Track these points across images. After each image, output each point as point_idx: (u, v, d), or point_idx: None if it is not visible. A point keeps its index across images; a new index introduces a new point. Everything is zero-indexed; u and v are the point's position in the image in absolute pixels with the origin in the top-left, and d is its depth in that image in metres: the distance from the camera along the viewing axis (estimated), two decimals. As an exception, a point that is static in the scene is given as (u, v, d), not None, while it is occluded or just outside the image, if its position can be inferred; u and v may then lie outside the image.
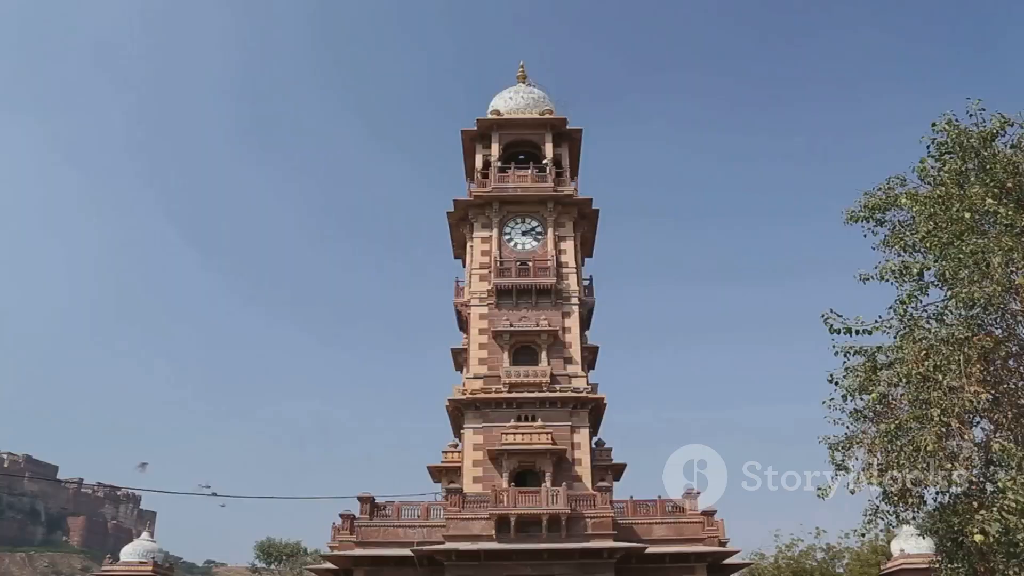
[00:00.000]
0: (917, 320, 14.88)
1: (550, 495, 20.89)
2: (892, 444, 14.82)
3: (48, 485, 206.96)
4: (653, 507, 22.61)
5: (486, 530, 20.83)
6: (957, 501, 14.79)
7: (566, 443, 23.06)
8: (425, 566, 20.85)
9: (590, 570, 20.45)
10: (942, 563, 15.54)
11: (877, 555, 61.00)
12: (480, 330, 25.24)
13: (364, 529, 22.09)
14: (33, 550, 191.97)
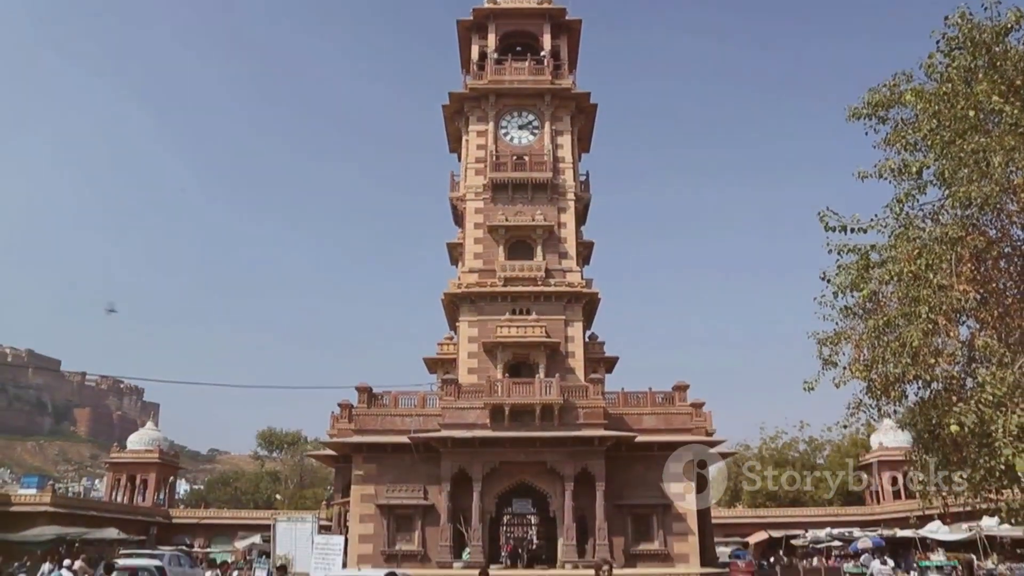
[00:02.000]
0: (912, 219, 14.95)
1: (543, 386, 21.43)
2: (879, 340, 15.18)
3: (52, 378, 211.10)
4: (643, 398, 23.25)
5: (481, 419, 21.48)
6: (937, 396, 15.27)
7: (560, 336, 23.49)
8: (422, 453, 21.59)
9: (581, 458, 21.21)
10: (917, 454, 16.23)
11: (857, 447, 63.54)
12: (476, 225, 25.25)
13: (362, 418, 22.74)
14: (43, 439, 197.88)
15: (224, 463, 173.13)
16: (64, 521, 42.82)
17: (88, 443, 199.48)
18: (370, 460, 22.19)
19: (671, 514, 21.81)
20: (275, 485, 74.27)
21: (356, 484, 22.16)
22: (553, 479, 21.35)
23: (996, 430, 12.57)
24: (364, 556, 20.85)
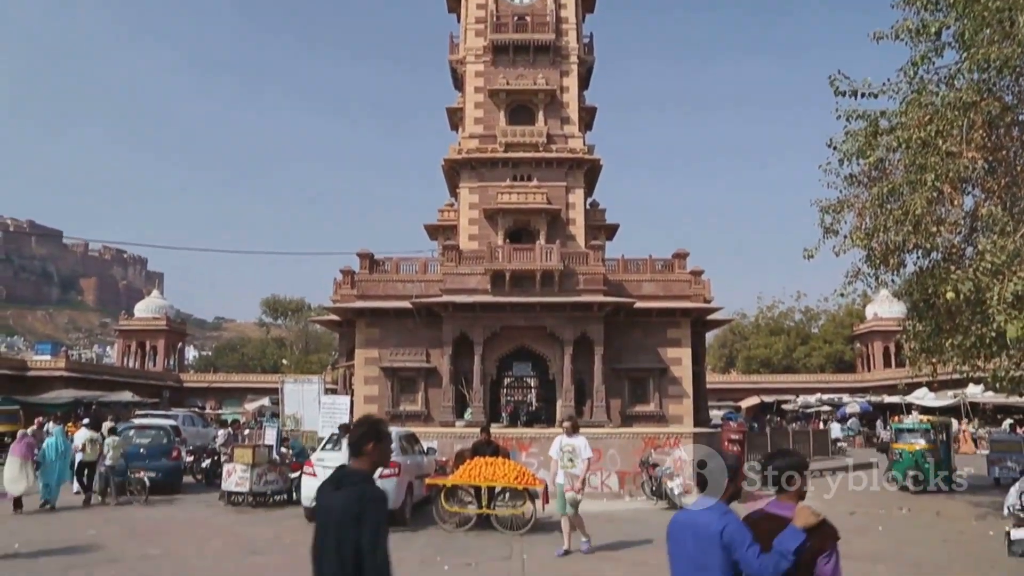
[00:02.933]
0: (926, 84, 14.53)
1: (544, 252, 21.52)
2: (882, 208, 15.13)
3: (56, 248, 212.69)
4: (643, 265, 23.41)
5: (482, 284, 21.71)
6: (936, 265, 15.37)
7: (561, 203, 23.39)
8: (423, 317, 21.97)
9: (581, 323, 21.59)
10: (911, 323, 16.49)
11: (852, 318, 64.61)
12: (476, 89, 24.59)
13: (364, 283, 22.99)
14: (52, 308, 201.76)
15: (230, 330, 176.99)
16: (79, 385, 44.34)
17: (96, 312, 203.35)
18: (373, 325, 22.61)
19: (667, 378, 22.45)
20: (281, 351, 76.22)
21: (360, 348, 22.69)
22: (553, 343, 21.84)
23: (991, 298, 12.75)
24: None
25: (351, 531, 3.43)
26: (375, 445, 3.70)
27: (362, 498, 3.50)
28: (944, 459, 19.25)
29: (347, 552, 3.42)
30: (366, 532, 3.41)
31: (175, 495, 17.56)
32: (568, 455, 10.82)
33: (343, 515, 3.48)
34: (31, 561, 9.75)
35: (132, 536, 12.00)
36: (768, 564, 3.50)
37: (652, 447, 18.25)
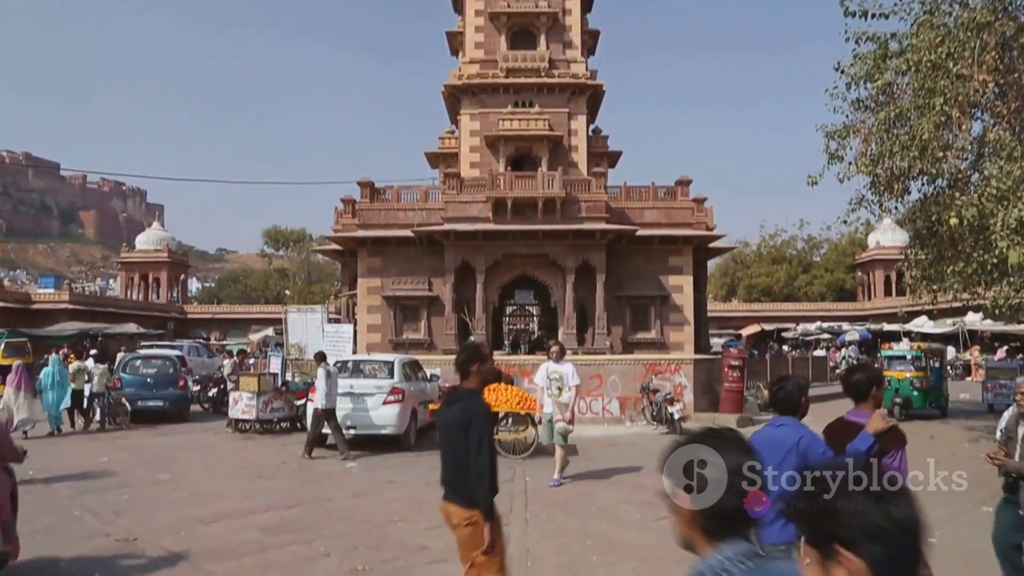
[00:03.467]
0: (938, 3, 14.11)
1: (546, 179, 21.31)
2: (889, 133, 14.88)
3: (54, 180, 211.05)
4: (645, 193, 23.20)
5: (483, 212, 21.57)
6: (940, 192, 15.22)
7: (563, 130, 23.03)
8: (425, 246, 21.92)
9: (583, 250, 21.53)
10: (913, 250, 16.42)
11: (854, 246, 64.48)
12: (476, 11, 23.90)
13: (365, 212, 22.86)
14: (53, 242, 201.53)
15: (232, 262, 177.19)
16: (84, 318, 44.62)
17: (97, 245, 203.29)
18: (375, 254, 22.57)
19: (668, 305, 22.52)
20: (284, 282, 76.43)
21: (362, 277, 22.71)
22: (555, 271, 21.84)
23: (995, 224, 12.66)
24: (373, 345, 21.79)
25: (460, 438, 4.22)
26: (479, 366, 4.44)
27: (467, 411, 4.26)
28: (935, 387, 19.16)
29: (459, 454, 4.22)
30: (472, 438, 4.18)
31: (183, 423, 17.88)
32: (555, 382, 10.47)
33: (453, 426, 4.29)
34: (46, 487, 9.98)
35: (142, 463, 12.26)
36: None
37: (653, 373, 18.45)
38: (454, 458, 4.29)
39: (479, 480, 4.17)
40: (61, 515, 8.50)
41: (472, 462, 4.17)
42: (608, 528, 7.78)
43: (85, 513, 8.50)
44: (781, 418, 4.25)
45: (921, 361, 19.11)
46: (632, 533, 7.64)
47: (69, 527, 7.90)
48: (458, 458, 4.25)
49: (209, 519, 8.22)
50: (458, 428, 4.25)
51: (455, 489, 4.31)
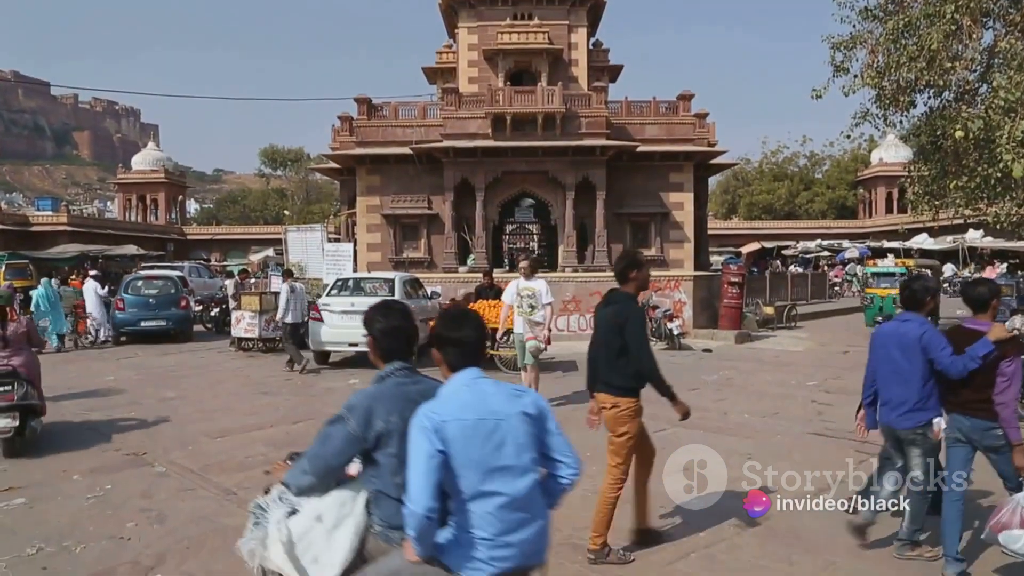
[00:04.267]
0: (954, -96, 13.50)
1: (545, 94, 20.89)
2: (896, 44, 14.50)
3: (45, 101, 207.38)
4: (647, 108, 22.79)
5: (482, 128, 21.24)
6: (947, 106, 14.93)
7: (563, 43, 22.42)
8: (424, 163, 21.67)
9: (583, 167, 21.30)
10: (916, 165, 16.22)
11: (856, 163, 63.79)
12: (473, -82, 22.95)
13: (363, 129, 22.51)
14: (48, 163, 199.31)
15: (230, 183, 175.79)
16: (83, 240, 44.51)
17: (93, 166, 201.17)
18: (373, 172, 22.35)
19: (669, 222, 22.44)
20: (282, 202, 75.99)
21: (361, 196, 22.55)
22: (555, 188, 21.67)
23: (1000, 136, 12.46)
24: (373, 264, 21.81)
25: (616, 336, 4.73)
26: (637, 272, 4.91)
27: (623, 313, 4.76)
28: None
29: (612, 349, 4.76)
30: (631, 336, 4.70)
31: (187, 343, 18.06)
32: (527, 300, 9.70)
33: (609, 325, 4.80)
34: (55, 404, 10.13)
35: (148, 381, 12.43)
36: (958, 363, 4.42)
37: (653, 290, 18.50)
38: (606, 352, 4.79)
39: (649, 370, 4.71)
40: (71, 432, 8.67)
41: (636, 357, 4.69)
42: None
43: (94, 430, 8.66)
44: (907, 314, 4.82)
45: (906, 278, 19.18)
46: (630, 444, 7.79)
47: (79, 443, 8.06)
48: (610, 352, 4.75)
49: (216, 434, 8.39)
50: (613, 326, 4.75)
51: (604, 379, 4.83)
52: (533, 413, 2.72)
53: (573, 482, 2.79)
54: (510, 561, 2.59)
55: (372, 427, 2.79)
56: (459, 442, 2.55)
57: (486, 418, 2.62)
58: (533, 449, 2.70)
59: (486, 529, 2.57)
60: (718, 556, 4.82)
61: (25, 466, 7.11)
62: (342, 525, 2.82)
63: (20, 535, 5.26)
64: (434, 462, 2.51)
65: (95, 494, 6.14)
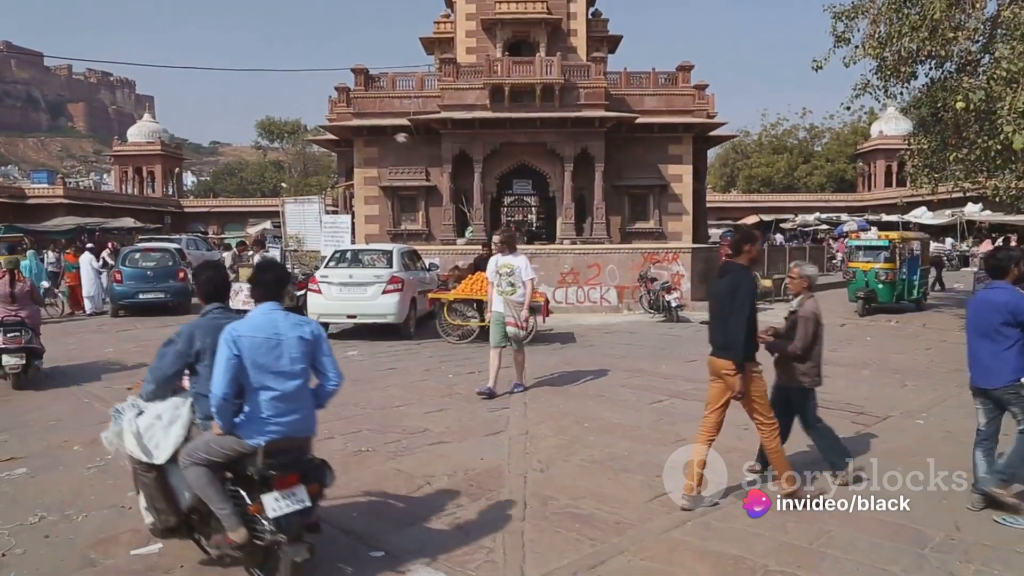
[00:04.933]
0: None
1: (544, 65, 20.72)
2: (899, 13, 14.34)
3: (38, 72, 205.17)
4: (646, 79, 22.61)
5: (480, 100, 21.09)
6: (948, 77, 14.81)
7: (561, 12, 22.19)
8: (422, 135, 21.55)
9: (581, 138, 21.20)
10: (917, 138, 16.13)
11: (856, 136, 63.48)
12: None
13: (360, 100, 22.34)
14: (43, 135, 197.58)
15: (227, 155, 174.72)
16: (80, 212, 44.32)
17: (89, 139, 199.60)
18: (371, 144, 22.23)
19: (667, 195, 22.38)
20: (279, 174, 75.64)
21: (359, 168, 22.45)
22: (553, 160, 21.57)
23: (1002, 107, 12.38)
24: (371, 236, 21.77)
25: (728, 305, 5.03)
26: (750, 246, 5.20)
27: (736, 281, 5.06)
28: (905, 280, 17.46)
29: (727, 316, 5.04)
30: (736, 302, 4.99)
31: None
32: (505, 278, 8.82)
33: (724, 293, 5.10)
34: (55, 375, 10.19)
35: (148, 353, 12.36)
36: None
37: (651, 262, 18.51)
38: (722, 320, 5.10)
39: (735, 336, 4.99)
40: (71, 402, 8.71)
41: (731, 321, 5.00)
42: (605, 411, 7.99)
43: (94, 401, 8.70)
44: (996, 282, 5.21)
45: (889, 252, 17.28)
46: (628, 415, 7.86)
47: (80, 414, 8.10)
48: (725, 320, 5.06)
49: (215, 404, 8.43)
50: (727, 295, 5.06)
51: (720, 345, 5.13)
52: (309, 338, 3.95)
53: (334, 390, 4.09)
54: (280, 433, 3.84)
55: (193, 346, 4.02)
56: (249, 351, 3.76)
57: (271, 336, 3.84)
58: (305, 363, 3.93)
59: (264, 412, 3.81)
60: (713, 524, 4.88)
61: (26, 437, 7.15)
62: (175, 422, 4.03)
63: (22, 504, 5.30)
64: (231, 363, 3.71)
65: (96, 464, 6.18)
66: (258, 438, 3.80)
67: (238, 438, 3.82)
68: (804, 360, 5.57)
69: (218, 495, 3.83)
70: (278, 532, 3.73)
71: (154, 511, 4.10)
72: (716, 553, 4.44)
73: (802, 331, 5.52)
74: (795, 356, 5.55)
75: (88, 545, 4.60)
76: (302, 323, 3.98)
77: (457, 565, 4.27)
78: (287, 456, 3.89)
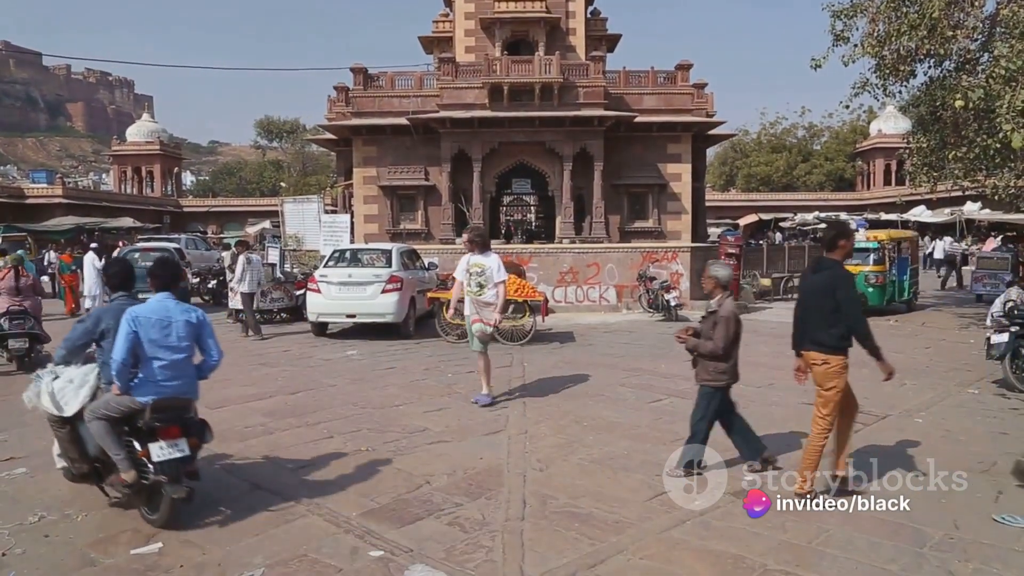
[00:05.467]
0: None
1: (543, 64, 20.73)
2: (897, 12, 14.35)
3: (37, 72, 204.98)
4: (645, 78, 22.62)
5: (479, 99, 21.10)
6: (947, 75, 14.82)
7: (560, 11, 22.21)
8: (421, 134, 21.55)
9: (580, 137, 21.21)
10: (915, 136, 16.12)
11: (855, 135, 63.46)
12: None
13: (359, 100, 22.34)
14: (42, 135, 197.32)
15: (226, 155, 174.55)
16: (79, 212, 44.27)
17: (88, 138, 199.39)
18: (370, 143, 22.23)
19: (666, 194, 22.39)
20: (279, 174, 75.54)
21: (358, 167, 22.45)
22: (552, 159, 21.58)
23: (1001, 106, 12.37)
24: (370, 235, 21.77)
25: (826, 300, 5.11)
26: (845, 241, 5.29)
27: (834, 277, 5.14)
28: (895, 282, 16.84)
29: (823, 311, 5.12)
30: (844, 299, 5.06)
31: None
32: (476, 278, 8.35)
33: (820, 288, 5.18)
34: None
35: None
36: None
37: (650, 261, 18.50)
38: (816, 314, 5.19)
39: (862, 331, 5.08)
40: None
41: (849, 318, 5.07)
42: (604, 410, 7.99)
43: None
44: None
45: (879, 253, 16.65)
46: (627, 414, 7.86)
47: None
48: (821, 314, 5.14)
49: (215, 404, 8.42)
50: (823, 290, 5.14)
51: (812, 339, 5.22)
52: (195, 322, 5.02)
53: (215, 365, 5.23)
54: (165, 394, 4.83)
55: (99, 325, 4.99)
56: (144, 328, 4.76)
57: (163, 318, 4.86)
58: (190, 341, 5.00)
59: (154, 377, 4.81)
60: (713, 523, 4.88)
61: (26, 436, 7.15)
62: (84, 385, 4.97)
63: (22, 503, 5.30)
64: (129, 337, 4.69)
65: (95, 464, 6.17)
66: (147, 397, 4.76)
67: (132, 397, 4.77)
68: (725, 360, 5.60)
69: (115, 443, 4.76)
70: (160, 473, 4.65)
71: (67, 459, 5.07)
72: (715, 552, 4.44)
73: (723, 331, 5.55)
74: (716, 356, 5.57)
75: (88, 544, 4.60)
76: (190, 310, 5.07)
77: (456, 564, 4.27)
78: (171, 413, 4.85)
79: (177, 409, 4.91)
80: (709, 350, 5.61)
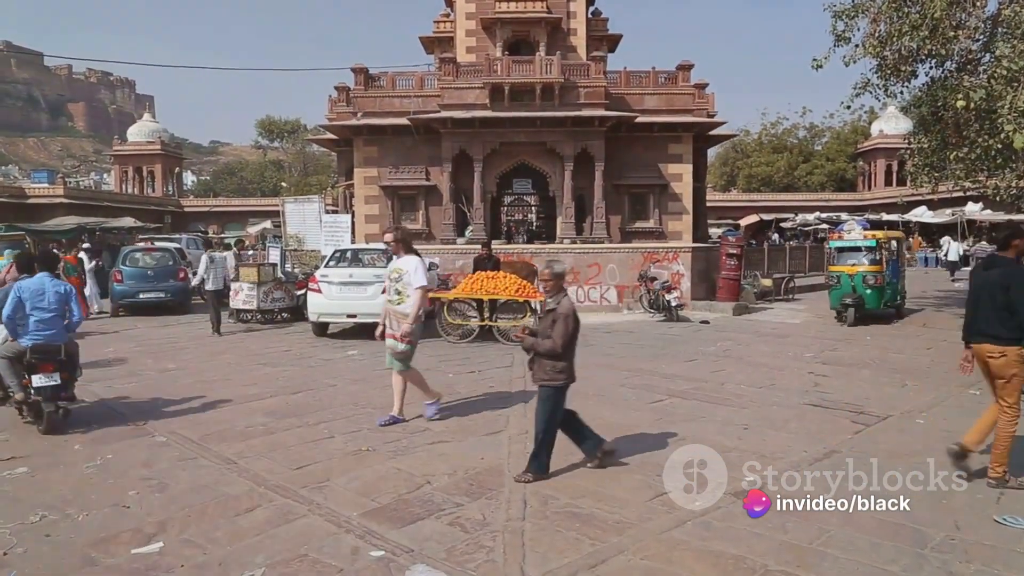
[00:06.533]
0: None
1: (544, 64, 20.72)
2: (899, 12, 14.34)
3: (38, 72, 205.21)
4: (646, 78, 22.60)
5: (480, 99, 21.09)
6: (948, 76, 14.81)
7: (561, 11, 22.20)
8: (422, 134, 21.55)
9: (581, 138, 21.20)
10: (917, 137, 16.11)
11: (856, 135, 63.43)
12: None
13: (360, 100, 22.33)
14: (43, 135, 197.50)
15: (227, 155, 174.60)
16: (80, 212, 44.24)
17: (89, 138, 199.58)
18: (371, 143, 22.23)
19: (667, 194, 22.37)
20: (279, 174, 75.55)
21: (358, 167, 22.45)
22: (553, 159, 21.58)
23: (1002, 107, 12.37)
24: (371, 235, 21.74)
25: (999, 295, 5.36)
26: (1019, 240, 5.50)
27: (1009, 275, 5.37)
28: (892, 282, 16.00)
29: (998, 306, 5.37)
30: (1017, 295, 5.28)
31: (185, 315, 18.07)
32: (394, 284, 7.30)
33: (993, 284, 5.43)
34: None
35: (148, 352, 12.46)
36: None
37: (651, 262, 18.52)
38: (990, 308, 5.42)
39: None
40: (71, 401, 8.71)
41: (1021, 312, 5.26)
42: (604, 410, 7.99)
43: (94, 401, 8.70)
44: None
45: (876, 252, 15.81)
46: (628, 414, 7.86)
47: (80, 413, 8.08)
48: (995, 308, 5.38)
49: (216, 404, 8.44)
50: (997, 286, 5.38)
51: (986, 332, 5.45)
52: (62, 292, 7.28)
53: (77, 323, 7.45)
54: (40, 340, 7.10)
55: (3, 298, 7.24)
56: (26, 294, 7.07)
57: (38, 288, 7.15)
58: (60, 305, 7.21)
59: (32, 328, 7.10)
60: (714, 524, 4.88)
61: (26, 435, 7.15)
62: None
63: (23, 503, 5.30)
64: (14, 300, 7.03)
65: (96, 463, 6.19)
66: (28, 342, 7.09)
67: (17, 343, 7.13)
68: (563, 358, 5.55)
69: (11, 375, 7.16)
70: (38, 395, 7.02)
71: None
72: (716, 552, 4.44)
73: (562, 328, 5.48)
74: (554, 354, 5.51)
75: (89, 544, 4.60)
76: (60, 284, 7.37)
77: (457, 564, 4.27)
78: (45, 354, 7.09)
79: (50, 351, 7.10)
80: (548, 348, 5.52)
